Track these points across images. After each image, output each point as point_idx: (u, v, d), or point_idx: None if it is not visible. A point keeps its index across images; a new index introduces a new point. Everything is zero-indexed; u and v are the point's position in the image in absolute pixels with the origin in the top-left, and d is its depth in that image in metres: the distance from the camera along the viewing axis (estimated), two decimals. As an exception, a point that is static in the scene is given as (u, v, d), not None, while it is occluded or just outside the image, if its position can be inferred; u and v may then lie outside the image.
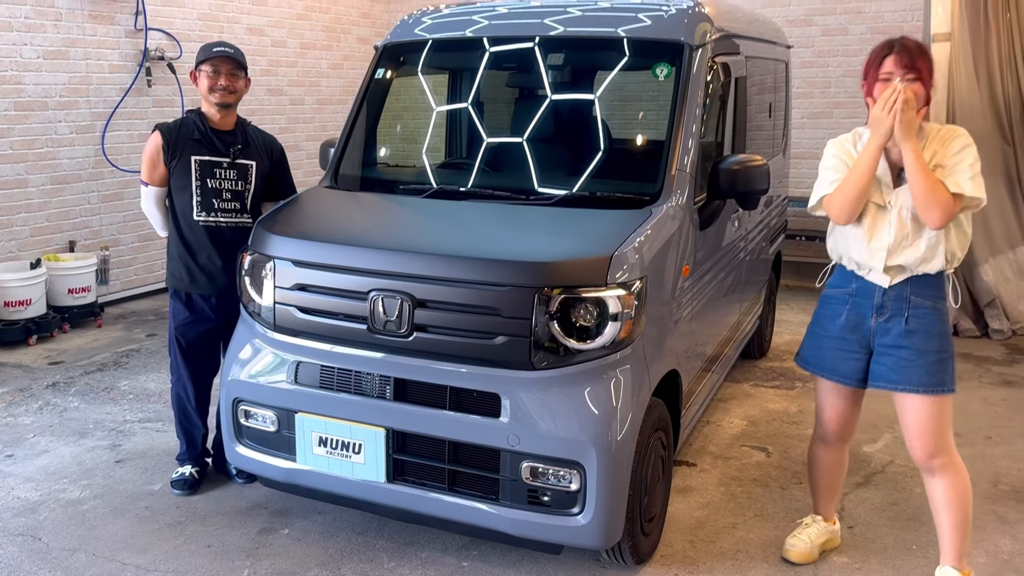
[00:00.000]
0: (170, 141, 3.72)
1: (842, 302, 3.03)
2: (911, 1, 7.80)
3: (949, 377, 2.91)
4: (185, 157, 3.72)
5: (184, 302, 3.85)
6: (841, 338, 3.05)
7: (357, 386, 3.13)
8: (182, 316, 3.85)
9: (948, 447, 2.95)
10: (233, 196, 3.80)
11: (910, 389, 2.90)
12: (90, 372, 5.56)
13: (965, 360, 5.80)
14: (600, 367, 2.91)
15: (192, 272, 3.79)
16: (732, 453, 4.35)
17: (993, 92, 6.40)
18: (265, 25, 8.61)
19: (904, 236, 2.85)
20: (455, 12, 4.18)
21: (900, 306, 2.91)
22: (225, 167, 3.77)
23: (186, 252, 3.79)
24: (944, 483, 2.97)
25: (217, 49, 3.71)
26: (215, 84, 3.69)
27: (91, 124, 6.95)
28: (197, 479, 3.94)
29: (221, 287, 3.80)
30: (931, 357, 2.89)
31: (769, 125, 5.17)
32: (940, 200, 2.72)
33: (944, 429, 2.93)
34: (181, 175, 3.74)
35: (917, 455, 2.97)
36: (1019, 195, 6.51)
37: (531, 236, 3.23)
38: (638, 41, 3.72)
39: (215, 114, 3.76)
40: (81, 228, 6.98)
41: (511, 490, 2.95)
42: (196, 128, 3.75)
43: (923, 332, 2.89)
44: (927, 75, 2.78)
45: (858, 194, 2.83)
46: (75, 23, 6.77)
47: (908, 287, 2.90)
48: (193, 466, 3.97)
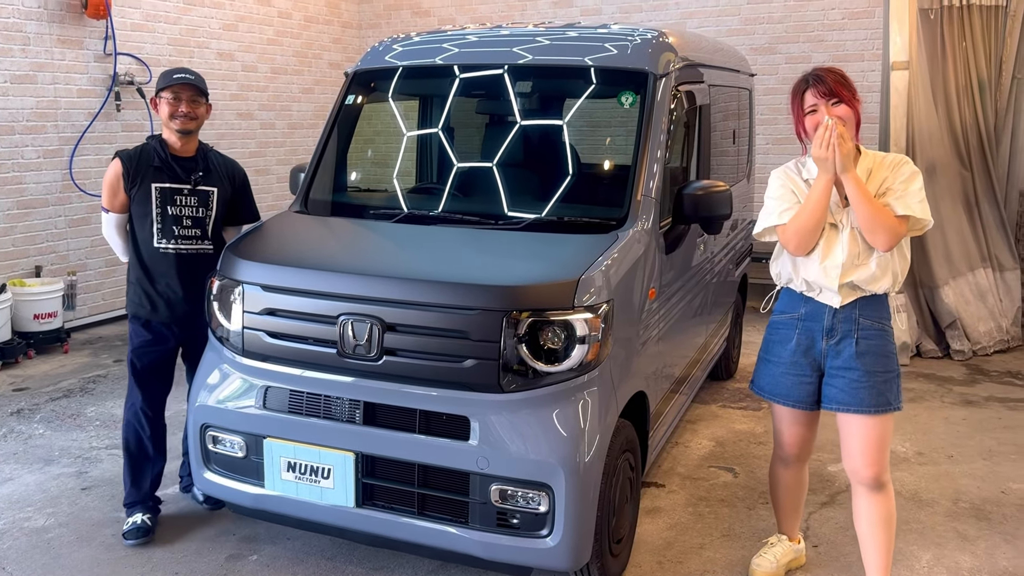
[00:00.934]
0: (130, 168, 3.68)
1: (791, 327, 3.09)
2: (871, 31, 8.01)
3: (895, 396, 3.00)
4: (145, 184, 3.68)
5: (143, 326, 3.78)
6: (793, 363, 3.09)
7: (326, 410, 3.14)
8: (139, 340, 3.77)
9: (888, 464, 3.05)
10: (194, 223, 3.76)
11: (861, 410, 2.97)
12: (56, 398, 5.49)
13: (927, 380, 5.92)
14: (568, 389, 2.95)
15: (152, 299, 3.73)
16: (700, 474, 4.39)
17: (951, 118, 6.58)
18: (236, 50, 8.63)
19: (856, 255, 2.93)
20: (425, 39, 4.23)
21: (850, 328, 2.97)
22: (186, 194, 3.73)
23: (146, 279, 3.74)
24: (882, 500, 3.04)
25: (178, 76, 3.68)
26: (176, 111, 3.65)
27: (59, 148, 6.92)
28: (150, 525, 3.72)
29: (180, 315, 3.74)
30: (880, 377, 2.97)
31: (734, 151, 5.27)
32: (885, 224, 2.83)
33: (887, 446, 3.03)
34: (141, 202, 3.69)
35: (863, 474, 3.02)
36: (977, 219, 6.67)
37: (500, 260, 3.27)
38: (604, 70, 3.79)
39: (176, 141, 3.72)
40: (48, 253, 6.91)
41: (480, 513, 2.96)
42: (156, 155, 3.71)
43: (872, 353, 2.97)
44: (849, 97, 2.88)
45: (814, 226, 2.91)
46: (43, 47, 6.75)
47: (856, 309, 2.97)
48: (144, 513, 3.75)
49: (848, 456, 3.05)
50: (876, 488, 3.03)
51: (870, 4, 8.02)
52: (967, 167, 6.63)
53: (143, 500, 3.79)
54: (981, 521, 3.91)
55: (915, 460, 4.58)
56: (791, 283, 3.09)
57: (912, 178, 2.91)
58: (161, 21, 7.77)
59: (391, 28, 10.26)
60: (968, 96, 6.59)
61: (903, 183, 2.90)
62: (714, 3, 8.68)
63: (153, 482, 3.84)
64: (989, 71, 6.61)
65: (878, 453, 2.99)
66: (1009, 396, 5.61)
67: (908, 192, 2.89)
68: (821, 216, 2.90)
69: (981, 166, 6.65)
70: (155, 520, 3.78)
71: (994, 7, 6.51)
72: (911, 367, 6.21)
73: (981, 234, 6.67)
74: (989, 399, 5.55)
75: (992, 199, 6.70)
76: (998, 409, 5.37)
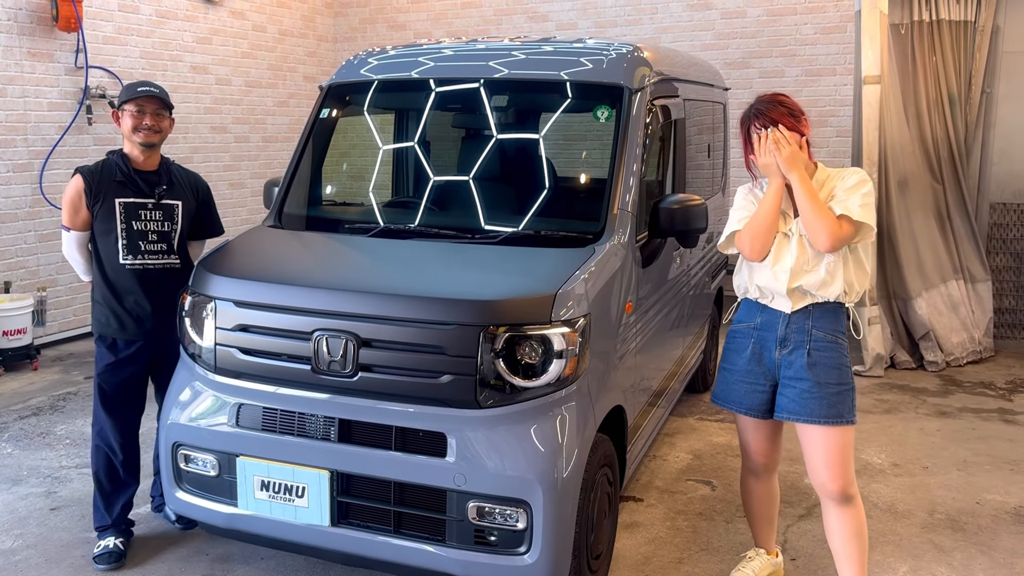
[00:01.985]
0: (92, 184, 3.60)
1: (747, 336, 3.16)
2: (843, 45, 8.11)
3: (848, 409, 3.02)
4: (109, 200, 3.60)
5: (109, 346, 3.68)
6: (747, 371, 3.16)
7: (300, 428, 3.09)
8: (106, 361, 3.67)
9: (853, 477, 3.07)
10: (160, 237, 3.69)
11: (812, 420, 3.01)
12: (25, 416, 5.39)
13: (902, 392, 5.96)
14: (545, 404, 2.93)
15: (120, 317, 3.65)
16: (678, 487, 4.39)
17: (922, 132, 6.66)
18: (210, 63, 8.58)
19: (805, 260, 3.01)
20: (401, 53, 4.22)
21: (802, 339, 3.03)
22: (150, 208, 3.67)
23: (112, 297, 3.65)
24: (851, 513, 3.07)
25: (142, 88, 3.61)
26: (140, 123, 3.58)
27: (29, 163, 6.82)
28: (123, 549, 3.65)
29: (149, 331, 3.67)
30: (831, 389, 3.00)
31: (709, 164, 5.29)
32: (825, 222, 2.90)
33: (849, 459, 3.04)
34: (105, 218, 3.61)
35: (828, 488, 3.05)
36: (949, 231, 6.75)
37: (476, 274, 3.25)
38: (579, 84, 3.80)
39: (138, 154, 3.66)
40: (17, 268, 6.81)
41: (458, 530, 2.93)
42: (119, 169, 3.64)
43: (823, 365, 3.01)
44: (788, 119, 3.00)
45: (767, 229, 3.02)
46: (13, 60, 6.67)
47: (810, 320, 3.03)
48: (116, 536, 3.67)
49: (812, 470, 3.09)
50: (843, 502, 3.05)
51: (842, 19, 8.12)
52: (938, 180, 6.72)
53: (115, 524, 3.71)
54: (957, 532, 3.93)
55: (890, 471, 4.61)
56: (747, 293, 3.18)
57: (858, 186, 2.97)
58: (133, 34, 7.70)
59: (366, 42, 10.25)
60: (939, 110, 6.68)
61: (847, 189, 2.98)
62: (688, 18, 8.76)
63: (125, 506, 3.75)
64: (959, 85, 6.71)
65: (840, 467, 3.01)
66: (982, 407, 5.66)
67: (850, 197, 2.95)
68: (773, 219, 3.01)
69: (952, 179, 6.74)
70: (127, 543, 3.71)
71: (963, 22, 6.61)
72: (885, 378, 6.26)
73: (953, 246, 6.75)
74: (963, 410, 5.60)
75: (963, 211, 6.78)
76: (972, 420, 5.41)
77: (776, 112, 3.01)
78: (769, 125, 3.00)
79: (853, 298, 3.06)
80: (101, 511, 3.71)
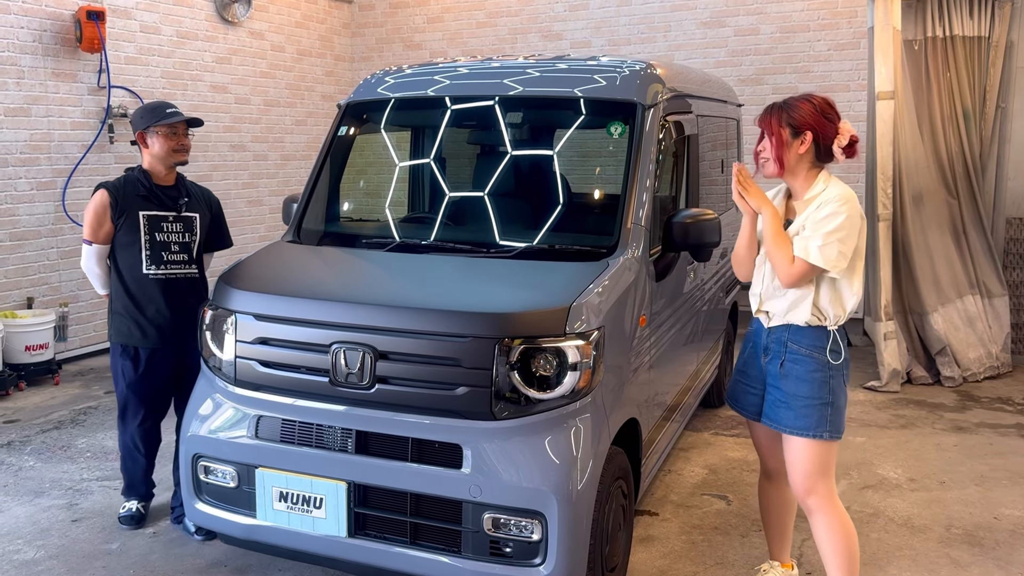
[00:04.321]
0: (117, 198, 3.81)
1: (748, 340, 3.29)
2: (856, 61, 8.13)
3: (816, 423, 3.01)
4: (133, 213, 3.82)
5: (132, 357, 3.89)
6: (743, 371, 3.29)
7: (318, 439, 3.14)
8: (132, 373, 3.90)
9: (821, 490, 3.05)
10: (181, 248, 3.91)
11: (779, 428, 3.08)
12: (47, 430, 5.46)
13: (918, 407, 5.94)
14: (560, 416, 2.95)
15: (142, 326, 3.85)
16: (693, 502, 4.39)
17: (937, 147, 6.67)
18: (229, 83, 8.70)
19: (775, 287, 3.08)
20: (417, 72, 4.29)
21: (780, 349, 3.09)
22: (171, 220, 3.89)
23: (133, 307, 3.84)
24: (819, 523, 3.08)
25: (171, 111, 3.85)
26: (178, 144, 3.84)
27: (52, 180, 6.94)
28: (143, 513, 4.08)
29: (169, 338, 3.87)
30: (800, 402, 3.02)
31: (722, 180, 5.32)
32: (780, 262, 2.96)
33: (816, 472, 3.04)
34: (129, 231, 3.82)
35: (795, 491, 3.12)
36: (965, 246, 6.74)
37: (491, 288, 3.29)
38: (593, 101, 3.85)
39: (161, 170, 3.88)
40: (40, 284, 6.91)
41: (473, 542, 2.95)
42: (141, 184, 3.87)
43: (794, 377, 3.05)
44: (775, 126, 2.99)
45: (741, 257, 3.22)
46: (37, 80, 6.80)
47: (787, 333, 3.07)
48: (139, 500, 4.08)
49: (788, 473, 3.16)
50: (812, 510, 3.08)
51: (855, 36, 8.15)
52: (954, 195, 6.71)
53: (139, 491, 4.11)
54: (974, 547, 3.92)
55: (907, 486, 4.59)
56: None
57: (827, 219, 2.91)
58: (155, 55, 7.83)
59: (383, 61, 10.36)
60: (953, 125, 6.68)
61: (816, 222, 2.93)
62: (702, 36, 8.81)
63: (147, 473, 4.12)
64: (974, 100, 6.71)
65: (801, 476, 3.05)
66: (1000, 422, 5.63)
67: (815, 235, 2.92)
68: (746, 248, 3.17)
69: (968, 194, 6.73)
70: (148, 508, 4.14)
71: (977, 38, 6.63)
72: (902, 394, 6.23)
73: (969, 261, 6.73)
74: (980, 425, 5.57)
75: (979, 226, 6.77)
76: (989, 435, 5.38)
77: (767, 112, 3.03)
78: (763, 129, 3.04)
79: (831, 323, 3.02)
80: (125, 477, 4.12)
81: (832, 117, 2.98)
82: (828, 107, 2.99)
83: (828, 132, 2.96)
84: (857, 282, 3.01)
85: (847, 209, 2.91)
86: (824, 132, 2.96)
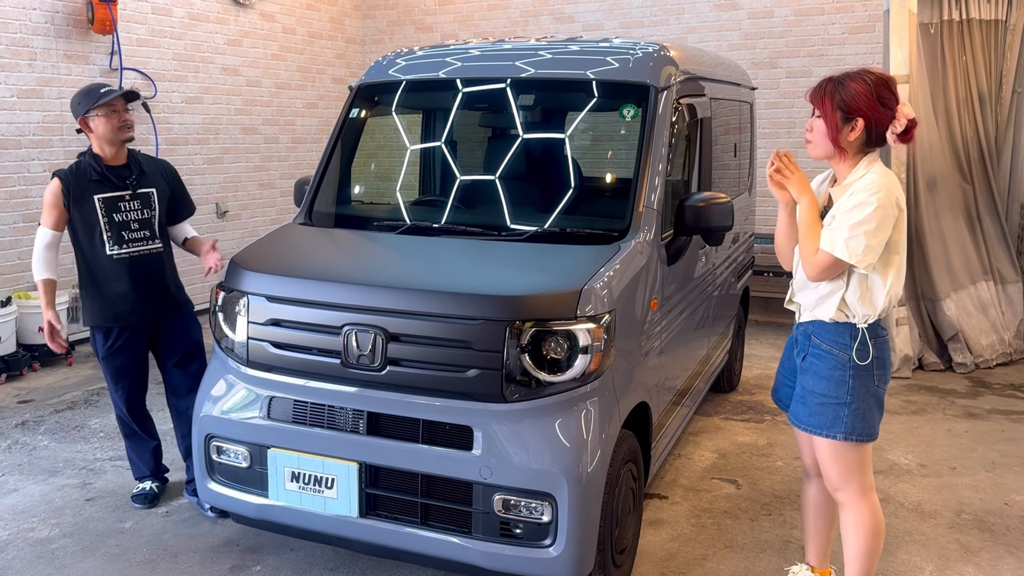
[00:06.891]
0: (69, 185, 3.85)
1: (792, 333, 3.20)
2: (871, 45, 8.05)
3: (830, 423, 2.89)
4: (88, 198, 3.85)
5: (107, 336, 3.94)
6: (782, 364, 3.23)
7: (330, 420, 3.15)
8: (106, 348, 3.95)
9: (850, 487, 2.96)
10: (141, 224, 3.94)
11: (794, 422, 3.04)
12: (60, 410, 5.51)
13: (930, 393, 5.92)
14: (571, 399, 2.96)
15: (113, 305, 3.89)
16: (702, 486, 4.40)
17: (952, 132, 6.61)
18: (240, 65, 8.70)
19: (806, 279, 2.93)
20: (428, 54, 4.27)
21: (805, 343, 2.99)
22: (128, 199, 3.92)
23: (101, 288, 3.90)
24: (847, 516, 3.01)
25: (105, 90, 3.87)
26: (120, 122, 3.85)
27: (64, 162, 6.94)
28: (157, 492, 4.15)
29: (141, 312, 3.93)
30: (814, 399, 2.93)
31: (735, 164, 5.30)
32: (806, 254, 2.83)
33: (841, 470, 2.94)
34: (87, 215, 3.85)
35: (826, 485, 3.08)
36: (979, 231, 6.69)
37: (503, 271, 3.29)
38: (606, 83, 3.83)
39: (110, 152, 3.91)
40: (52, 266, 6.94)
41: (483, 523, 2.97)
42: (92, 169, 3.89)
43: (812, 373, 2.94)
44: (830, 107, 2.79)
45: (781, 245, 3.08)
46: (50, 62, 6.81)
47: (813, 327, 2.97)
48: (153, 481, 4.17)
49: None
50: (841, 503, 3.03)
51: (870, 19, 8.07)
52: (968, 180, 6.66)
53: (152, 473, 4.19)
54: (984, 533, 3.91)
55: (918, 472, 4.58)
56: None
57: (855, 210, 2.71)
58: (166, 36, 7.83)
59: (394, 43, 10.33)
60: (969, 109, 6.62)
61: (844, 214, 2.74)
62: (715, 18, 8.74)
63: (155, 458, 4.20)
64: (989, 84, 6.65)
65: (829, 471, 2.98)
66: (1012, 408, 5.60)
67: (842, 225, 2.73)
68: (783, 238, 3.05)
69: (982, 179, 6.68)
70: (163, 488, 4.22)
71: (994, 21, 6.55)
72: (913, 380, 6.21)
73: (983, 247, 6.69)
74: (992, 411, 5.55)
75: (993, 212, 6.72)
76: (1001, 421, 5.37)
77: (817, 88, 2.84)
78: (813, 103, 2.84)
79: (859, 321, 2.84)
80: (137, 464, 4.19)
81: (888, 101, 2.73)
82: (886, 88, 2.74)
83: (882, 119, 2.72)
84: (892, 277, 2.81)
85: (878, 199, 2.68)
86: (878, 119, 2.73)
